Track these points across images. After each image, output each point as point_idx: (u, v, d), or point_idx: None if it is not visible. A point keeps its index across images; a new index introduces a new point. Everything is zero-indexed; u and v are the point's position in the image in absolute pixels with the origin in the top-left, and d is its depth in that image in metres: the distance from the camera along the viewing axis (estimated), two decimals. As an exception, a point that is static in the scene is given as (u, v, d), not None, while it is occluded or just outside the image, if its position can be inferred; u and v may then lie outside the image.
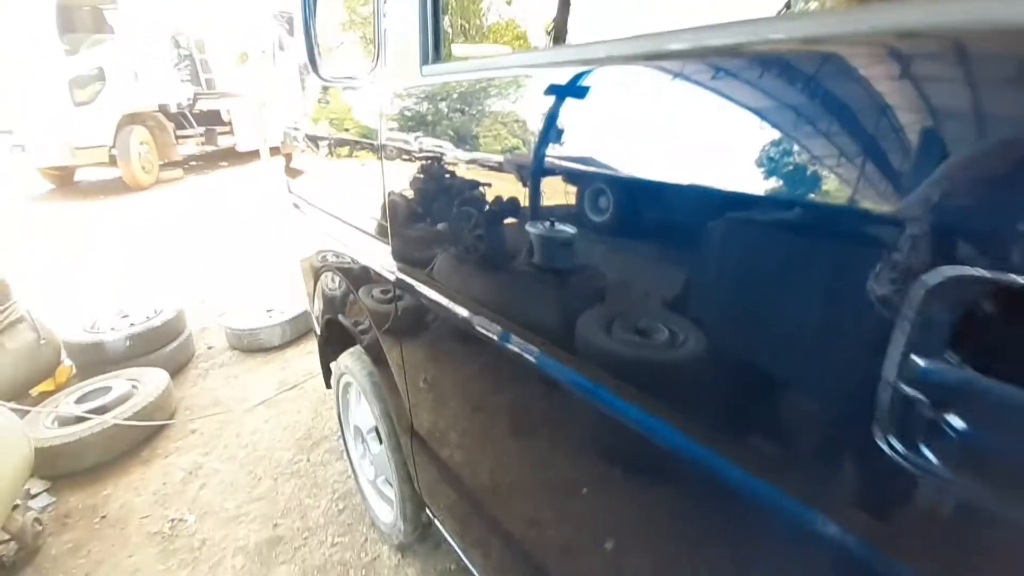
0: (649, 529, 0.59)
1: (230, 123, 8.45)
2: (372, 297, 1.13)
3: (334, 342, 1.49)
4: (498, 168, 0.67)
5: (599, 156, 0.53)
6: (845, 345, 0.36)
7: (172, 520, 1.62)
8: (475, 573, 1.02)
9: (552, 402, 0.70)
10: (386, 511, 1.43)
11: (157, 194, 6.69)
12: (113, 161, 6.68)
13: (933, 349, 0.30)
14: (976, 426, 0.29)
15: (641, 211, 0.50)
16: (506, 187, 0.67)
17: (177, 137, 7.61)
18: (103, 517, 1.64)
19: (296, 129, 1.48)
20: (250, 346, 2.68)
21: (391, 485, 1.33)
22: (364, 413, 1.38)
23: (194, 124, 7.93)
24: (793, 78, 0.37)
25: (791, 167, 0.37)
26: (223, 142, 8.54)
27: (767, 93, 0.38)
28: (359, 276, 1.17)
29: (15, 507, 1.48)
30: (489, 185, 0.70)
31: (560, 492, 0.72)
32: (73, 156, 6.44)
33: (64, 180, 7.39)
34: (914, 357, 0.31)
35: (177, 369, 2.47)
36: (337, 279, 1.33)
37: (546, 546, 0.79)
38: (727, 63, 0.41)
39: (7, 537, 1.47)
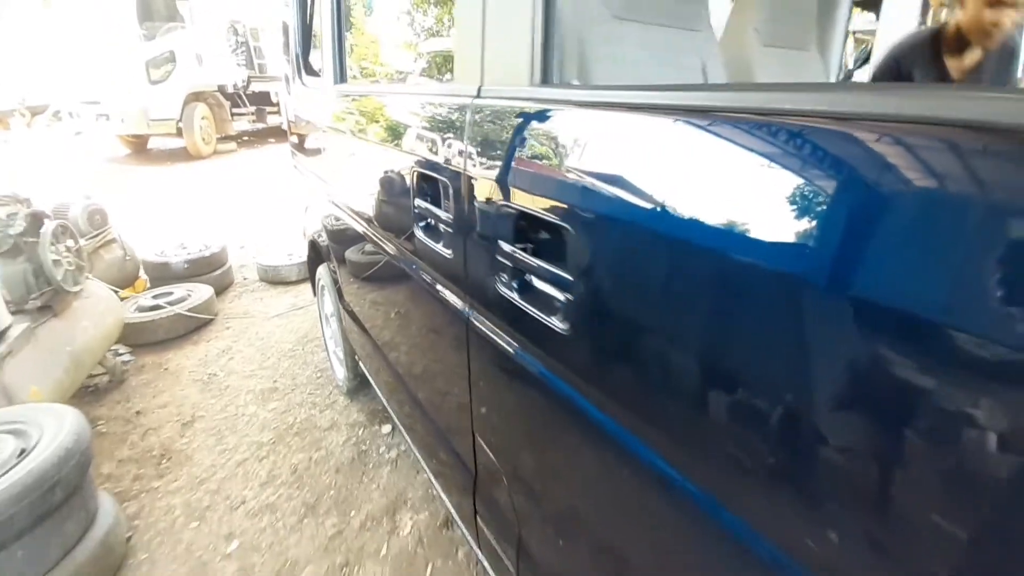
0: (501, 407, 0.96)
1: (278, 104, 9.44)
2: (327, 224, 1.83)
3: (314, 259, 2.21)
4: (374, 154, 1.32)
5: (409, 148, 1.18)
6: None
7: (210, 374, 2.40)
8: (388, 407, 1.69)
9: (414, 284, 1.11)
10: (341, 371, 2.15)
11: (214, 163, 7.72)
12: (179, 132, 7.75)
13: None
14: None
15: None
16: (377, 163, 1.30)
17: (232, 114, 8.65)
18: (165, 369, 2.45)
19: (295, 115, 2.20)
20: (274, 279, 3.48)
21: (342, 350, 2.04)
22: (328, 302, 2.10)
23: (247, 104, 8.94)
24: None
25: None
26: (271, 120, 9.56)
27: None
28: (322, 211, 1.87)
29: (107, 353, 2.30)
30: (373, 161, 1.34)
31: (437, 347, 1.10)
32: (148, 126, 7.55)
33: (139, 147, 8.57)
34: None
35: (220, 290, 3.28)
36: (314, 214, 2.03)
37: (429, 382, 1.20)
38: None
39: (103, 371, 2.29)
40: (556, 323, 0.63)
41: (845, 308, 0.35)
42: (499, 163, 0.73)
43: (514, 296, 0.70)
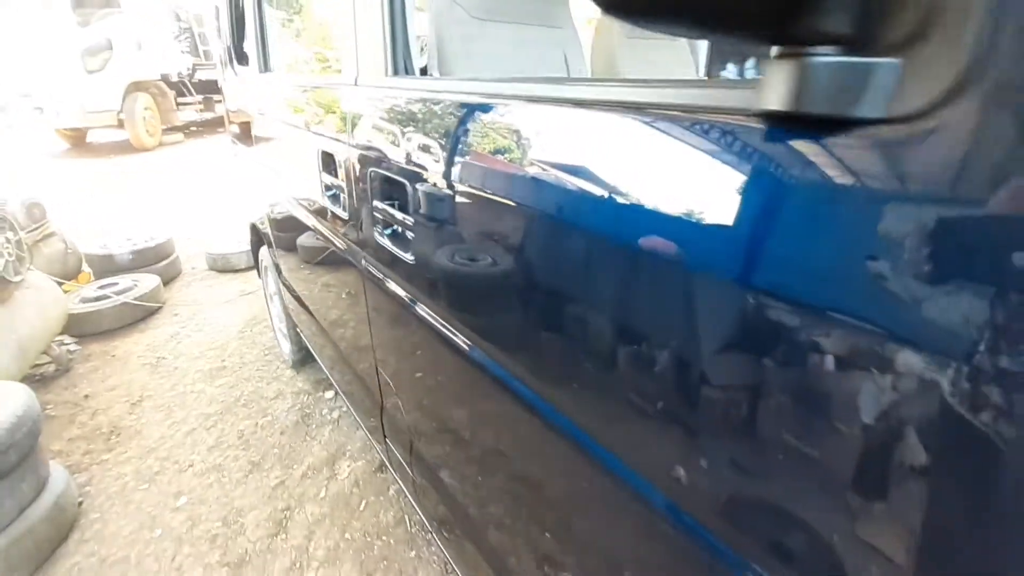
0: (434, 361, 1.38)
1: (227, 92, 9.18)
2: (265, 207, 1.95)
3: (256, 242, 2.32)
4: (293, 137, 1.47)
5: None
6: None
7: (158, 358, 2.49)
8: (325, 370, 1.83)
9: (326, 248, 1.32)
10: (286, 345, 2.29)
11: (159, 154, 7.51)
12: (121, 124, 7.47)
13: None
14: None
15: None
16: (295, 146, 1.46)
17: (178, 104, 8.38)
18: (112, 356, 2.52)
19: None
20: (223, 267, 3.53)
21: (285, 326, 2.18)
22: (271, 281, 2.23)
23: (193, 92, 8.67)
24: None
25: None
26: (220, 109, 9.29)
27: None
28: (259, 196, 1.99)
29: (53, 343, 2.36)
30: (293, 144, 1.49)
31: (346, 299, 1.27)
32: (86, 119, 7.25)
33: (78, 140, 8.21)
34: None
35: (168, 280, 3.32)
36: (253, 200, 2.15)
37: (344, 330, 1.36)
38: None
39: (48, 360, 2.35)
40: (407, 255, 0.82)
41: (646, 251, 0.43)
42: (366, 140, 0.91)
43: (384, 240, 0.89)
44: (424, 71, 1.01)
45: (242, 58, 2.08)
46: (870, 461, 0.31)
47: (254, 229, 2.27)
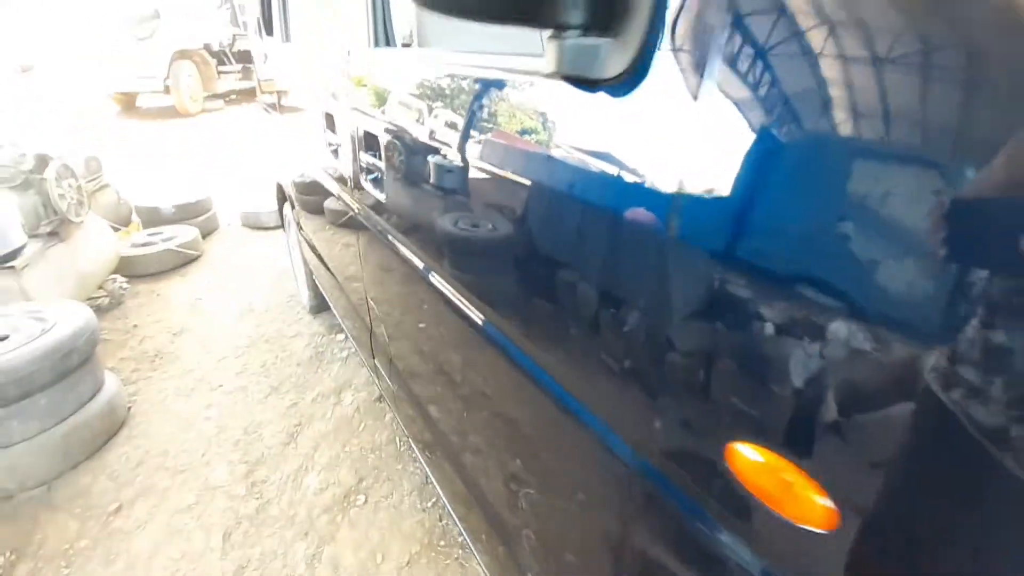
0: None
1: (265, 62, 9.50)
2: (289, 170, 2.18)
3: (281, 199, 2.57)
4: (308, 103, 1.67)
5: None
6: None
7: (196, 299, 2.80)
8: (341, 322, 2.06)
9: (331, 200, 1.60)
10: (305, 292, 2.55)
11: (201, 120, 7.92)
12: (167, 90, 7.90)
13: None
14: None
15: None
16: (310, 112, 1.66)
17: (219, 72, 8.75)
18: (157, 295, 2.84)
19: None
20: (255, 224, 3.83)
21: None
22: (293, 236, 2.48)
23: (233, 62, 9.02)
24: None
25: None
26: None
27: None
28: (284, 159, 2.22)
29: (107, 280, 2.69)
30: (308, 110, 1.70)
31: (345, 242, 1.70)
32: (136, 84, 7.69)
33: (128, 104, 8.72)
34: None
35: (206, 234, 3.64)
36: (280, 162, 2.38)
37: (345, 271, 1.66)
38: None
39: (103, 294, 2.68)
40: (381, 196, 1.01)
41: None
42: (355, 102, 1.10)
43: (368, 185, 1.08)
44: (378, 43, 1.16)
45: (270, 29, 2.29)
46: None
47: (279, 189, 2.51)
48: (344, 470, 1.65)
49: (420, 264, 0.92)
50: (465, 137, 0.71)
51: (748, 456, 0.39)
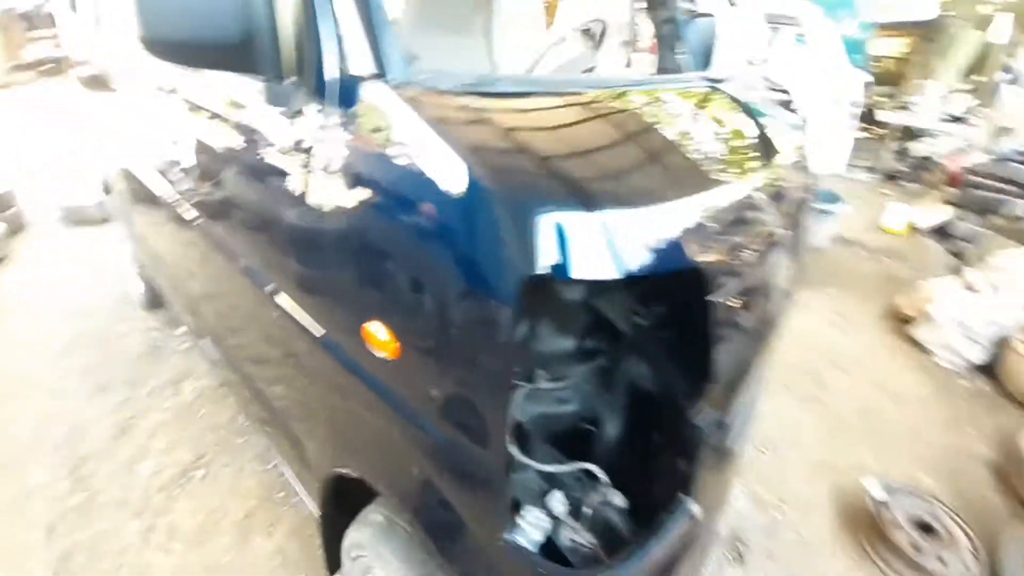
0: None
1: (88, 30, 8.19)
2: (119, 160, 2.10)
3: (109, 193, 2.43)
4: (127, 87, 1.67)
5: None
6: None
7: (16, 301, 2.53)
8: (182, 317, 2.04)
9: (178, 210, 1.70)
10: (139, 287, 2.46)
11: (5, 95, 6.65)
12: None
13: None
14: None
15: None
16: (128, 92, 1.66)
17: (28, 38, 7.38)
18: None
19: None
20: (78, 219, 3.46)
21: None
22: (124, 229, 2.38)
23: (47, 25, 7.65)
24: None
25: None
26: (81, 49, 8.28)
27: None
28: (110, 146, 2.13)
29: None
30: (124, 89, 1.69)
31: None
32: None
33: None
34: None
35: (13, 232, 3.22)
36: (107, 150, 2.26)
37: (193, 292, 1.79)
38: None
39: None
40: (196, 188, 1.18)
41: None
42: (167, 93, 1.22)
43: (184, 176, 1.24)
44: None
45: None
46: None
47: (105, 179, 2.38)
48: (182, 451, 1.73)
49: (237, 253, 1.10)
50: (227, 143, 0.93)
51: (369, 328, 0.71)
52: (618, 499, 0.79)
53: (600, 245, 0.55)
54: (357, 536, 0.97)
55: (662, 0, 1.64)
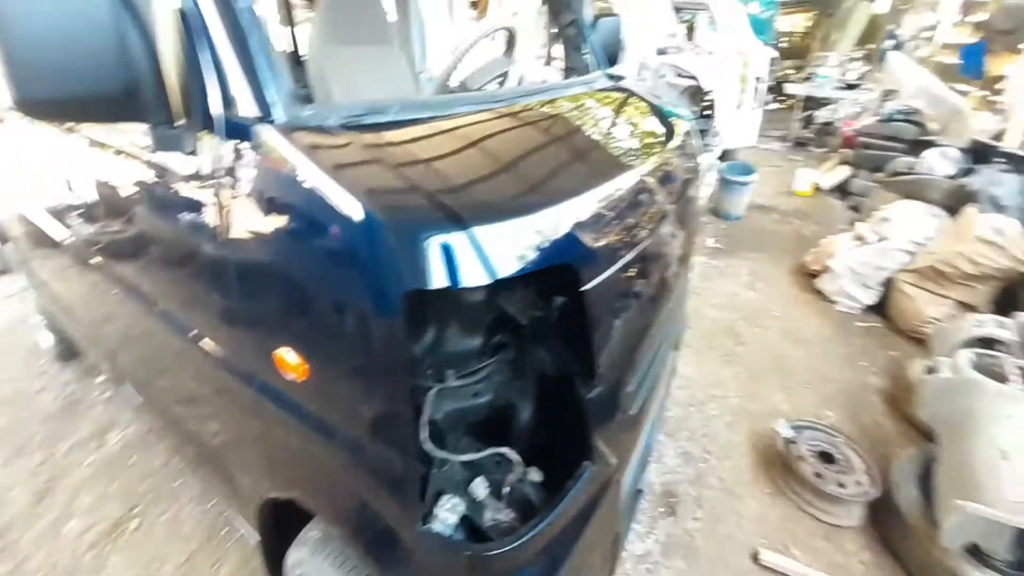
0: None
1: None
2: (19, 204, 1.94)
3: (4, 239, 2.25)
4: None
5: None
6: None
7: None
8: (100, 366, 1.91)
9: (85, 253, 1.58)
10: (47, 339, 2.30)
11: None
12: None
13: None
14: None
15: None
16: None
17: None
18: None
19: None
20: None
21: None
22: (28, 278, 2.20)
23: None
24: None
25: None
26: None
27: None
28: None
29: None
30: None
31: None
32: None
33: None
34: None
35: None
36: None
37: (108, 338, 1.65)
38: None
39: None
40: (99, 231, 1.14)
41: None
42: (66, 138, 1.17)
43: (84, 220, 1.19)
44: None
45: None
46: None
47: (3, 227, 2.18)
48: (112, 505, 1.65)
49: (149, 293, 1.08)
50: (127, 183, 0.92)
51: (282, 354, 0.75)
52: (534, 474, 0.86)
53: (471, 257, 0.62)
54: (297, 555, 0.99)
55: (565, 3, 1.71)
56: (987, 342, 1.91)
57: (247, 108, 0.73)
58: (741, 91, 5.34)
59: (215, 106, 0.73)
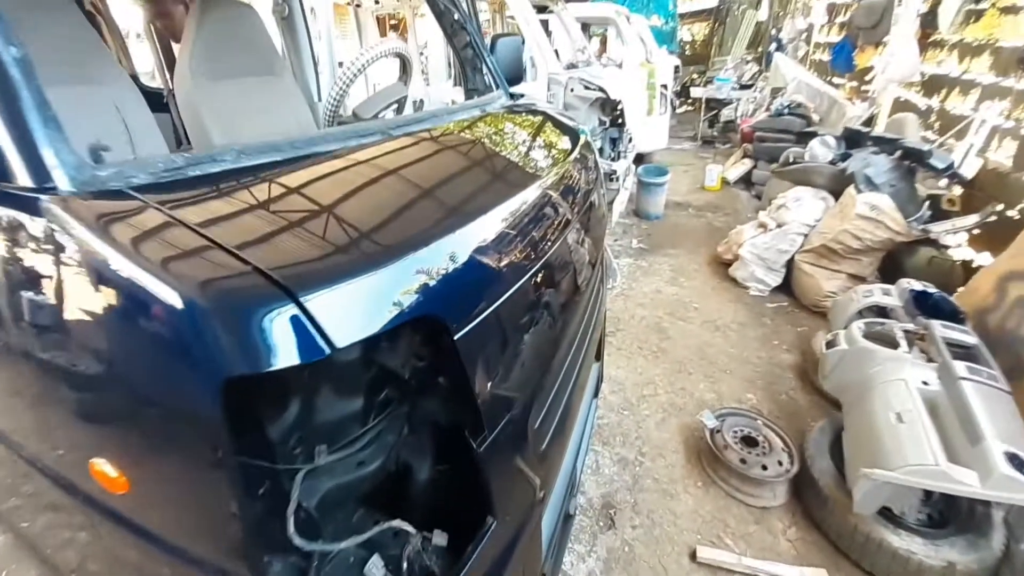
0: None
1: None
2: None
3: None
4: None
5: None
6: None
7: None
8: None
9: None
10: None
11: None
12: None
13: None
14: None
15: None
16: None
17: None
18: None
19: None
20: None
21: None
22: None
23: None
24: None
25: None
26: None
27: None
28: None
29: None
30: None
31: None
32: None
33: None
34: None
35: None
36: None
37: None
38: None
39: None
40: None
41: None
42: None
43: None
44: None
45: None
46: None
47: None
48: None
49: None
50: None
51: (97, 465, 0.64)
52: (438, 538, 0.78)
53: (296, 331, 0.53)
54: None
55: (459, 25, 1.69)
56: (879, 310, 2.07)
57: (23, 178, 0.62)
58: (649, 99, 5.65)
59: None
